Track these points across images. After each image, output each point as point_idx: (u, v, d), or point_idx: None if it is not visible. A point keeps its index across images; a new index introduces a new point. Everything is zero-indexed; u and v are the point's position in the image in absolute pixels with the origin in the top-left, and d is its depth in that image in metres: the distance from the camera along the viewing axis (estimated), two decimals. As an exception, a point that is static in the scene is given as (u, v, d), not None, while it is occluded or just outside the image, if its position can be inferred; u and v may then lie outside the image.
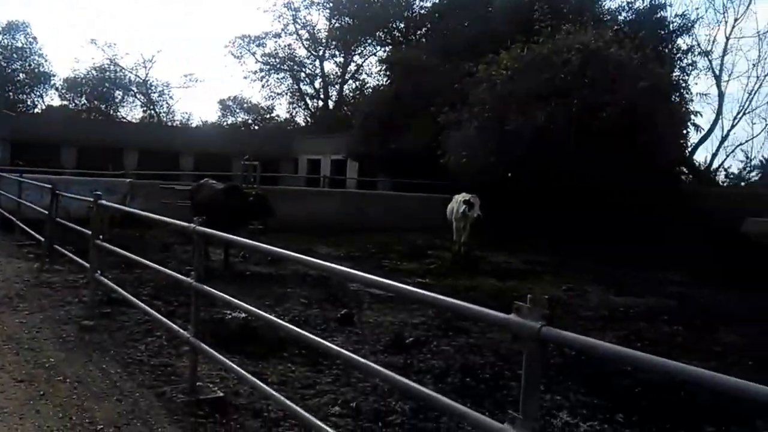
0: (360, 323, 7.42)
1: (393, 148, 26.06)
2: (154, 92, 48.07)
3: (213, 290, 4.54)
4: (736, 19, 34.53)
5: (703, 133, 29.94)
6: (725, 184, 31.40)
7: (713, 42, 32.86)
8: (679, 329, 8.26)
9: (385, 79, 32.59)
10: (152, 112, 48.13)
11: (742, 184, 31.63)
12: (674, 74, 23.20)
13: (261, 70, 45.26)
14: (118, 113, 46.81)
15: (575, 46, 19.98)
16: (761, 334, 8.03)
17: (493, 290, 10.27)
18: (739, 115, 34.01)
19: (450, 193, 16.02)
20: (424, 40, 32.29)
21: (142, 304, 5.95)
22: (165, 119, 47.77)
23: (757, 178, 32.09)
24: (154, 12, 73.45)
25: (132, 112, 49.06)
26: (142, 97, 48.14)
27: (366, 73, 43.71)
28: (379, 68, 36.13)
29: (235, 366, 4.43)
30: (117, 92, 47.00)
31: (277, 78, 45.83)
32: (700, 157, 32.48)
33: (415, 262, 13.23)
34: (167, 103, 49.08)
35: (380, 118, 27.70)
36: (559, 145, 19.79)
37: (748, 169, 33.22)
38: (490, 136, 20.70)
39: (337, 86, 45.42)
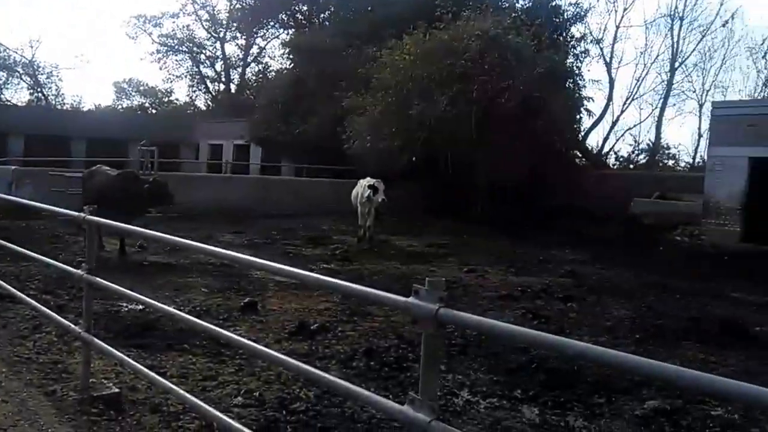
0: (264, 311, 7.27)
1: (297, 132, 25.70)
2: (42, 74, 44.63)
3: (106, 282, 4.33)
4: (625, 9, 36.69)
5: (595, 118, 31.72)
6: (615, 167, 33.36)
7: (604, 30, 34.83)
8: (573, 306, 8.70)
9: (288, 63, 32.01)
10: (40, 94, 44.70)
11: (631, 166, 33.76)
12: (568, 61, 24.30)
13: (158, 52, 43.12)
14: (2, 96, 43.16)
15: (475, 33, 20.44)
16: (647, 308, 8.61)
17: (397, 274, 10.38)
18: (628, 101, 36.38)
19: (355, 178, 16.01)
20: (327, 23, 31.95)
21: (29, 299, 5.61)
22: (54, 102, 44.52)
23: (644, 161, 34.44)
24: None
25: (17, 94, 45.52)
26: (29, 79, 44.58)
27: (269, 57, 42.77)
28: (282, 51, 35.48)
29: (131, 360, 4.25)
30: (0, 73, 43.26)
31: (176, 60, 43.85)
32: (593, 141, 34.44)
33: (321, 248, 13.14)
34: (56, 85, 45.74)
35: (284, 102, 27.23)
36: (461, 130, 20.27)
37: (636, 152, 35.64)
38: (394, 121, 20.87)
39: (239, 69, 44.12)
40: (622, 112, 35.68)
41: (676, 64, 34.64)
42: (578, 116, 24.43)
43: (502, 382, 5.39)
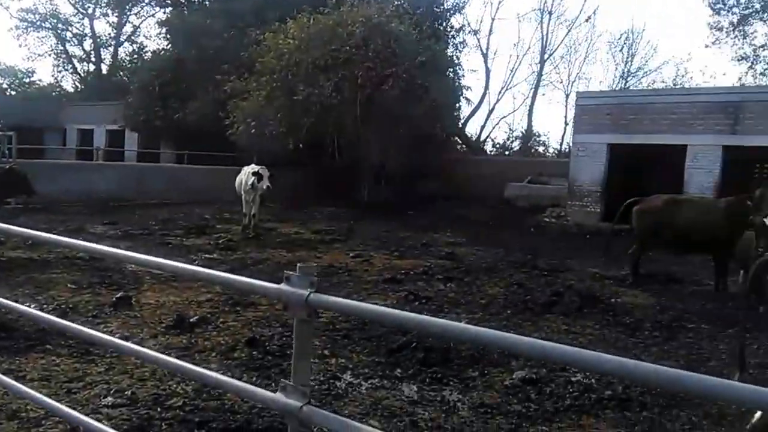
0: (139, 306, 6.94)
1: (177, 117, 24.63)
2: None
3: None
4: (500, 2, 38.29)
5: (473, 106, 33.02)
6: (492, 153, 34.93)
7: (481, 22, 36.12)
8: (452, 286, 9.08)
9: (165, 43, 30.48)
10: None
11: (506, 152, 35.50)
12: (448, 51, 25.06)
13: (17, 28, 39.40)
14: None
15: (359, 19, 20.54)
16: (517, 285, 9.15)
17: (283, 262, 10.30)
18: (503, 90, 38.17)
19: (239, 165, 15.63)
20: (207, 3, 30.70)
21: None
22: None
23: (518, 147, 36.33)
24: None
25: None
26: None
27: (144, 36, 40.62)
28: (158, 31, 33.74)
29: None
30: None
31: (38, 37, 40.29)
32: (472, 128, 35.87)
33: (203, 238, 12.73)
34: None
35: (161, 85, 25.96)
36: (347, 116, 20.37)
37: (511, 139, 37.53)
38: (279, 106, 20.56)
39: (111, 49, 41.34)
40: (498, 101, 37.51)
41: (546, 56, 36.80)
42: (458, 104, 25.33)
43: (384, 363, 5.54)
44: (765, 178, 20.49)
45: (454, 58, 25.57)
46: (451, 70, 24.47)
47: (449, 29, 27.51)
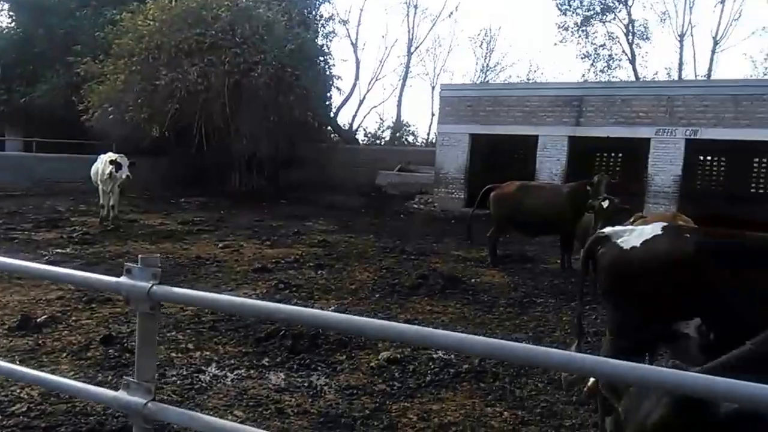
0: (-23, 308, 6.34)
1: (23, 101, 22.51)
2: None
3: None
4: (366, -9, 38.52)
5: (345, 95, 33.24)
6: (364, 142, 35.41)
7: (350, 12, 36.30)
8: (323, 273, 9.17)
9: (9, 21, 27.60)
10: None
11: (378, 142, 36.14)
12: (318, 40, 24.99)
13: None
14: None
15: (225, 3, 19.94)
16: (386, 270, 9.43)
17: (145, 255, 9.83)
18: (373, 81, 38.78)
19: (95, 153, 14.61)
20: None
21: None
22: None
23: (389, 137, 37.11)
24: None
25: None
26: None
27: (-17, 12, 36.29)
28: (1, 7, 30.43)
29: None
30: None
31: None
32: (344, 118, 36.11)
33: (55, 231, 11.79)
34: None
35: (5, 66, 23.59)
36: (214, 103, 19.74)
37: (381, 129, 38.25)
38: (139, 91, 19.47)
39: (-59, 23, 36.73)
40: (368, 91, 38.06)
41: (412, 49, 37.84)
42: (329, 93, 25.40)
43: (251, 352, 5.51)
44: (603, 166, 22.69)
45: (325, 47, 25.58)
46: (322, 58, 24.45)
47: (318, 18, 27.45)
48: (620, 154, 22.80)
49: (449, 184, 20.23)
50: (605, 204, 8.48)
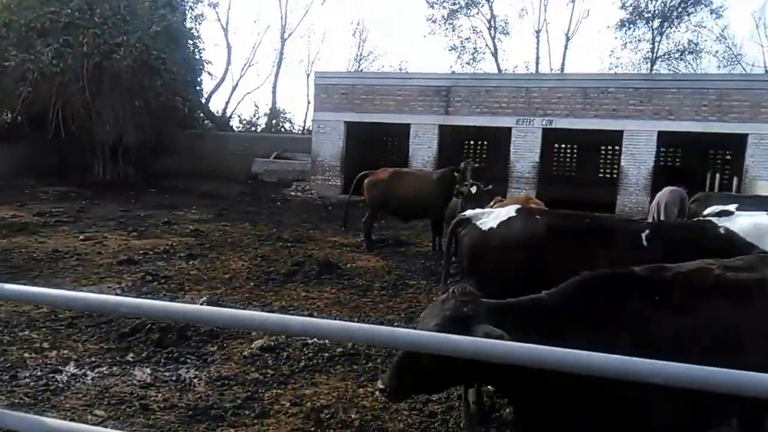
0: None
1: None
2: None
3: None
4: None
5: (217, 81, 32.15)
6: (239, 130, 34.49)
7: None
8: (195, 263, 8.90)
9: None
10: None
11: (253, 129, 35.34)
12: (187, 23, 23.93)
13: None
14: None
15: (81, -21, 18.53)
16: (261, 258, 9.33)
17: (-5, 250, 9.02)
18: (246, 67, 37.79)
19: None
20: None
21: None
22: None
23: (264, 124, 36.40)
24: None
25: None
26: None
27: None
28: None
29: None
30: None
31: None
32: (217, 104, 34.96)
33: None
34: None
35: None
36: (72, 86, 18.40)
37: (257, 116, 37.43)
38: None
39: None
40: (241, 77, 37.06)
41: (286, 36, 37.32)
42: (200, 78, 24.45)
43: (114, 349, 5.26)
44: (471, 154, 23.90)
45: (194, 30, 24.49)
46: (191, 42, 23.44)
47: (185, 0, 26.23)
48: (486, 142, 24.09)
49: (326, 171, 20.32)
50: (473, 189, 8.97)
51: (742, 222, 4.83)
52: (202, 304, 6.65)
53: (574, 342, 2.51)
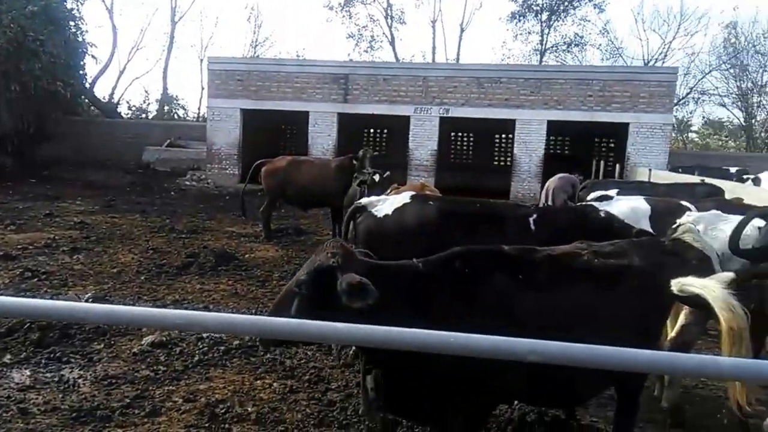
0: None
1: None
2: None
3: None
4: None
5: (102, 65, 30.33)
6: (128, 116, 32.82)
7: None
8: (79, 257, 8.39)
9: None
10: None
11: (144, 116, 33.73)
12: (68, 3, 22.30)
13: None
14: None
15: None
16: (153, 250, 8.93)
17: None
18: (134, 50, 35.83)
19: None
20: None
21: None
22: None
23: (156, 111, 34.81)
24: None
25: None
26: None
27: None
28: None
29: None
30: None
31: None
32: (104, 90, 32.95)
33: None
34: None
35: None
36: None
37: (147, 102, 35.70)
38: None
39: None
40: (129, 61, 35.13)
41: (177, 18, 35.76)
42: (83, 62, 22.92)
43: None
44: (371, 142, 24.11)
45: (75, 10, 22.80)
46: (72, 23, 21.85)
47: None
48: (385, 130, 24.35)
49: (222, 159, 19.75)
50: (376, 178, 9.05)
51: (621, 206, 5.23)
52: (87, 300, 6.30)
53: (437, 307, 2.65)
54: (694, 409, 4.44)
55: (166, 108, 33.61)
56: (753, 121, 32.55)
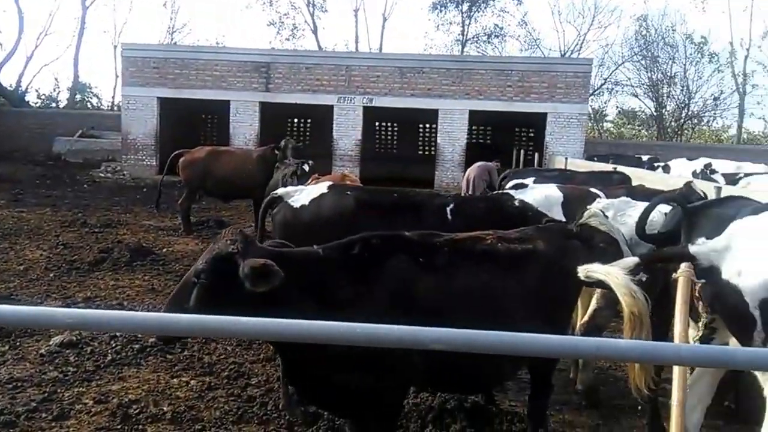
0: None
1: None
2: None
3: None
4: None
5: (8, 52, 28.57)
6: (37, 105, 31.10)
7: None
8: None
9: None
10: None
11: (54, 105, 31.98)
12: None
13: None
14: None
15: None
16: (63, 246, 8.51)
17: None
18: (42, 35, 33.76)
19: None
20: None
21: None
22: None
23: (67, 99, 33.03)
24: None
25: None
26: None
27: None
28: None
29: None
30: None
31: None
32: (10, 77, 30.97)
33: None
34: None
35: None
36: None
37: (58, 90, 33.78)
38: None
39: None
40: (37, 47, 33.01)
41: (88, 3, 33.83)
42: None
43: None
44: (295, 132, 23.86)
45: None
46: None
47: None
48: (309, 120, 24.10)
49: (139, 150, 18.97)
50: (306, 167, 8.92)
51: (535, 194, 5.39)
52: (-12, 301, 5.93)
53: (338, 292, 2.68)
54: (608, 390, 4.66)
55: (78, 96, 31.91)
56: (663, 110, 34.28)
